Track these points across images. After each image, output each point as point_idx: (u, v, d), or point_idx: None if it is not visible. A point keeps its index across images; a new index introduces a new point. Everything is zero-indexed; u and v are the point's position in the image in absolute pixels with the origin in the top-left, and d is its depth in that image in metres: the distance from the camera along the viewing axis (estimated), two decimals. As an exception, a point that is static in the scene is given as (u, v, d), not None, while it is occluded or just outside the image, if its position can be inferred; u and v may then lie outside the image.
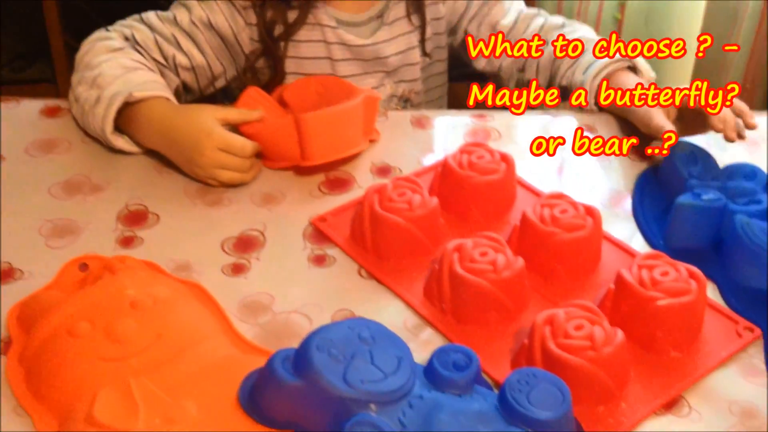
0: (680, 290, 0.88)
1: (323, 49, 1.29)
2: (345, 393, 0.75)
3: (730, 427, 0.81)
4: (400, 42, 1.33)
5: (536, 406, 0.75)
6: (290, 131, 1.10)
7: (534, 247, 0.96)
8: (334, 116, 1.12)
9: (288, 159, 1.13)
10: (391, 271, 0.98)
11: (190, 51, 1.23)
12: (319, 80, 1.23)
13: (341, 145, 1.13)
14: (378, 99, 1.20)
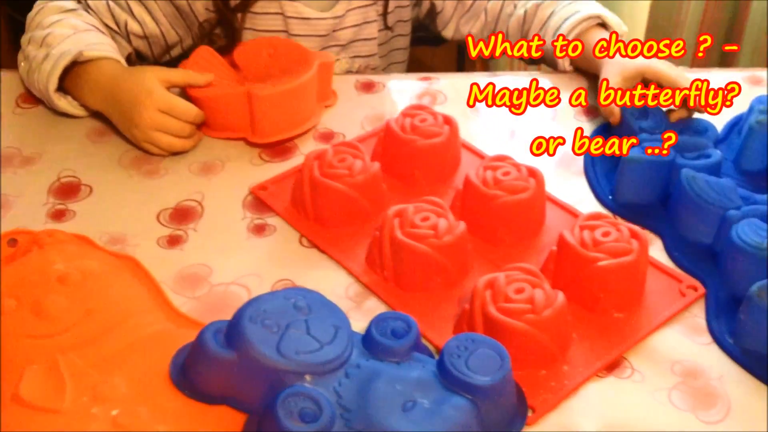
0: (622, 250, 0.87)
1: (281, 23, 1.26)
2: (279, 364, 0.74)
3: (673, 386, 0.81)
4: (356, 15, 1.29)
5: (474, 371, 0.74)
6: (241, 103, 1.09)
7: (477, 210, 0.95)
8: (288, 94, 1.10)
9: (235, 131, 1.11)
10: (332, 238, 0.96)
11: (142, 18, 1.20)
12: (271, 42, 1.20)
13: (295, 122, 1.12)
14: (332, 62, 1.18)
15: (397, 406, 0.72)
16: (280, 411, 0.70)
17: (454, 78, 1.25)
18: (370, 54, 1.34)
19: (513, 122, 1.15)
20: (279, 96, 1.09)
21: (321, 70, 1.14)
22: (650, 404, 0.79)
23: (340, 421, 0.72)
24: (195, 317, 0.85)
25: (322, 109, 1.17)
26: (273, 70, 1.15)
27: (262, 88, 1.09)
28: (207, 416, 0.75)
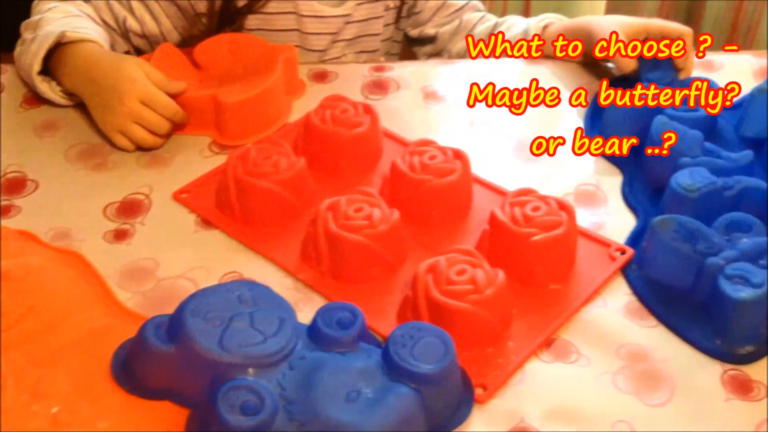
0: (552, 224, 0.88)
1: (294, 21, 1.26)
2: (221, 357, 0.73)
3: (618, 370, 0.81)
4: (365, 10, 1.29)
5: (419, 360, 0.74)
6: (207, 105, 1.08)
7: (407, 196, 0.95)
8: (256, 99, 1.09)
9: (200, 130, 1.09)
10: (264, 238, 0.95)
11: (142, 17, 1.19)
12: (232, 38, 1.18)
13: (264, 122, 1.10)
14: (296, 56, 1.17)
15: (341, 397, 0.72)
16: (220, 405, 0.69)
17: (406, 66, 1.25)
18: (375, 49, 1.34)
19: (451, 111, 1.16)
20: (247, 103, 1.08)
21: (286, 65, 1.13)
22: (595, 388, 0.79)
23: (283, 413, 0.71)
24: (141, 312, 0.84)
25: (291, 104, 1.15)
26: (236, 68, 1.14)
27: (228, 93, 1.08)
28: (150, 411, 0.74)
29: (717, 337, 0.83)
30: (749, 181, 0.94)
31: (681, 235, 0.86)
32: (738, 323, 0.82)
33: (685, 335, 0.84)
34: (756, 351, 0.82)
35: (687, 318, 0.85)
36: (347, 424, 0.69)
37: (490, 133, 1.11)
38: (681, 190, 0.92)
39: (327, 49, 1.29)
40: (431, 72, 1.23)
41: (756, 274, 0.81)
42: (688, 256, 0.86)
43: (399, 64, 1.26)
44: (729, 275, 0.82)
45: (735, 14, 1.85)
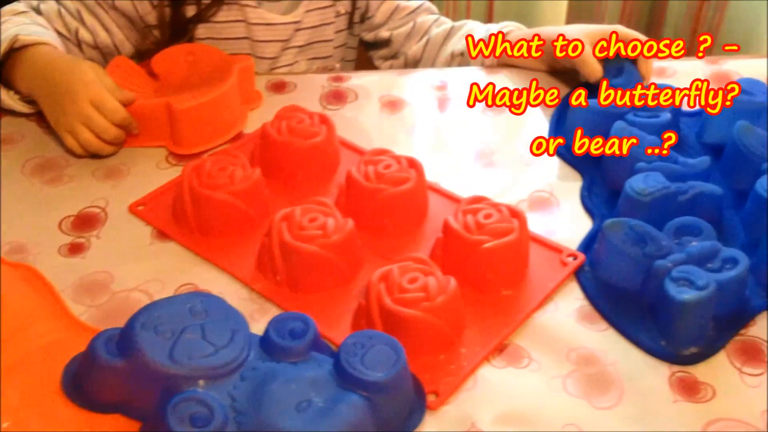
0: (504, 230, 0.88)
1: (243, 30, 1.26)
2: (171, 370, 0.73)
3: (568, 374, 0.82)
4: (315, 17, 1.30)
5: (369, 368, 0.74)
6: (160, 114, 1.08)
7: (362, 205, 0.96)
8: (208, 105, 1.09)
9: (155, 140, 1.10)
10: (220, 249, 0.95)
11: (94, 28, 1.19)
12: (188, 48, 1.19)
13: (219, 131, 1.11)
14: (252, 65, 1.17)
15: (291, 407, 0.72)
16: (170, 417, 0.69)
17: (365, 76, 1.25)
18: (328, 56, 1.35)
19: (407, 118, 1.16)
20: (199, 108, 1.08)
21: (241, 74, 1.14)
22: (545, 392, 0.80)
23: (233, 424, 0.71)
24: (95, 325, 0.84)
25: (247, 113, 1.16)
26: (192, 78, 1.14)
27: (181, 100, 1.08)
28: (101, 425, 0.75)
29: (663, 339, 0.84)
30: (704, 186, 0.95)
31: (630, 238, 0.88)
32: (682, 324, 0.83)
33: (633, 337, 0.85)
34: (700, 352, 0.83)
35: (635, 320, 0.86)
36: (296, 434, 0.70)
37: (448, 142, 1.12)
38: (634, 194, 0.94)
39: (278, 57, 1.30)
40: (390, 81, 1.24)
41: (701, 277, 0.83)
42: (637, 259, 0.87)
43: (357, 73, 1.26)
44: (675, 277, 0.83)
45: (695, 17, 1.87)
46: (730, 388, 0.80)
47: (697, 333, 0.83)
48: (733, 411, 0.77)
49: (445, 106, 1.18)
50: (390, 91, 1.21)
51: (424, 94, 1.21)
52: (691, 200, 0.94)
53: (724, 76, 1.22)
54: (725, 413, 0.77)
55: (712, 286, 0.82)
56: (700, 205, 0.94)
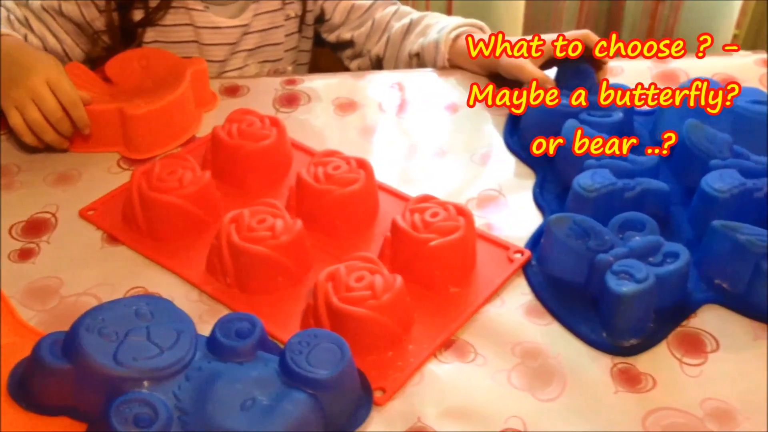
0: (450, 228, 0.89)
1: (191, 33, 1.26)
2: (115, 372, 0.74)
3: (513, 368, 0.83)
4: (264, 20, 1.31)
5: (315, 365, 0.75)
6: (114, 119, 1.08)
7: (312, 206, 0.96)
8: (162, 110, 1.10)
9: (108, 146, 1.10)
10: (171, 252, 0.95)
11: (42, 34, 1.19)
12: (142, 53, 1.19)
13: (173, 134, 1.11)
14: (205, 68, 1.18)
15: (236, 405, 0.73)
16: (113, 418, 0.70)
17: (317, 79, 1.26)
18: (278, 59, 1.35)
19: (364, 120, 1.17)
20: (153, 113, 1.09)
21: (195, 77, 1.14)
22: (490, 386, 0.81)
23: (178, 424, 0.72)
24: (45, 330, 0.84)
25: (201, 115, 1.16)
26: (146, 83, 1.15)
27: (135, 106, 1.08)
28: (46, 428, 0.75)
29: (604, 331, 0.85)
30: (650, 183, 0.97)
31: (575, 233, 0.89)
32: (621, 317, 0.84)
33: (575, 329, 0.86)
34: (640, 344, 0.84)
35: (579, 313, 0.87)
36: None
37: (401, 143, 1.13)
38: (581, 190, 0.95)
39: (227, 60, 1.31)
40: (343, 84, 1.25)
41: (640, 270, 0.84)
42: (581, 253, 0.88)
43: (310, 76, 1.27)
44: (616, 271, 0.85)
45: (651, 17, 1.89)
46: (670, 378, 0.81)
47: (637, 325, 0.85)
48: (673, 400, 0.79)
49: (397, 108, 1.19)
50: (343, 93, 1.22)
51: (377, 96, 1.22)
52: (637, 196, 0.95)
53: (672, 74, 1.23)
54: (665, 402, 0.79)
55: (651, 279, 0.83)
56: (647, 201, 0.96)
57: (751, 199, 0.95)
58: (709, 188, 0.95)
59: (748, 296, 0.88)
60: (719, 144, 1.01)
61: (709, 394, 0.79)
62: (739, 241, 0.87)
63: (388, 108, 1.19)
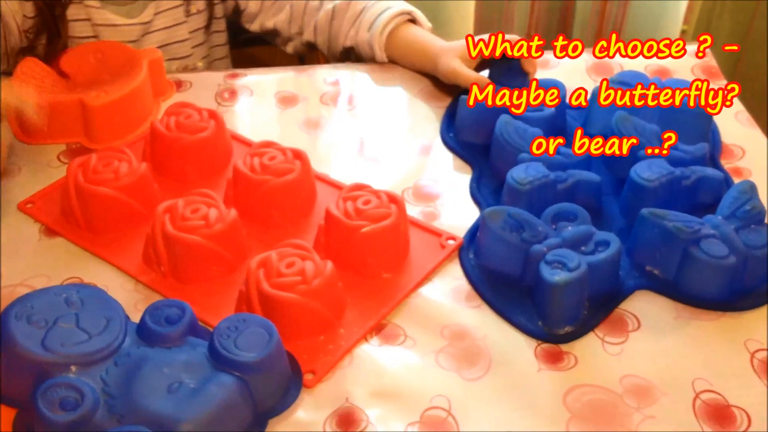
0: (382, 215, 0.91)
1: (89, 29, 1.26)
2: (42, 357, 0.75)
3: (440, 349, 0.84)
4: (165, 18, 1.31)
5: (242, 349, 0.76)
6: (73, 109, 1.09)
7: (248, 196, 0.98)
8: (122, 101, 1.11)
9: (68, 137, 1.11)
10: (108, 243, 0.96)
11: None
12: (96, 46, 1.19)
13: (132, 124, 1.13)
14: (161, 58, 1.19)
15: (162, 388, 0.74)
16: (40, 402, 0.71)
17: (260, 74, 1.27)
18: (186, 55, 1.35)
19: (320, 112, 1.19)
20: (114, 104, 1.10)
21: (151, 67, 1.15)
22: (419, 367, 0.83)
23: (104, 407, 0.73)
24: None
25: (159, 105, 1.18)
26: (102, 75, 1.15)
27: (95, 96, 1.09)
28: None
29: (540, 319, 0.87)
30: (582, 174, 0.99)
31: (509, 225, 0.91)
32: (556, 304, 0.86)
33: (512, 319, 0.87)
34: (575, 331, 0.86)
35: (515, 303, 0.89)
36: (164, 414, 0.72)
37: (340, 135, 1.14)
38: (515, 183, 0.97)
39: None
40: (284, 78, 1.26)
41: (573, 259, 0.86)
42: (516, 245, 0.90)
43: (253, 70, 1.28)
44: (549, 261, 0.86)
45: (600, 16, 1.92)
46: (592, 356, 0.83)
47: (571, 313, 0.86)
48: (593, 377, 0.81)
49: (339, 101, 1.21)
50: (284, 87, 1.23)
51: (319, 89, 1.23)
52: (570, 188, 0.97)
53: (606, 67, 1.25)
54: (586, 380, 0.81)
55: (583, 267, 0.85)
56: (580, 192, 0.98)
57: (679, 187, 0.97)
58: (638, 177, 0.97)
59: (677, 281, 0.90)
60: (648, 135, 1.03)
61: (628, 371, 0.81)
62: (667, 227, 0.89)
63: (330, 101, 1.21)
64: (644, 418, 0.77)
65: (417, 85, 1.24)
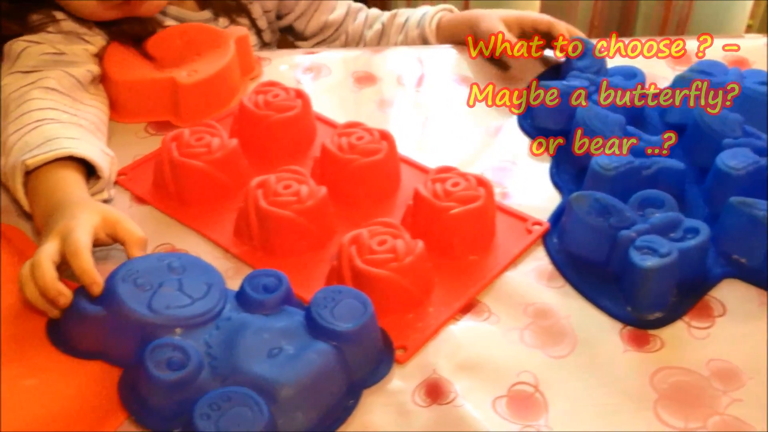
0: (470, 198, 0.93)
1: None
2: (148, 319, 0.78)
3: (525, 326, 0.86)
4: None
5: (339, 319, 0.79)
6: (164, 88, 1.12)
7: (336, 175, 1.00)
8: (213, 79, 1.14)
9: (157, 115, 1.14)
10: (198, 215, 0.99)
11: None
12: (182, 29, 1.21)
13: (220, 102, 1.16)
14: (247, 35, 1.22)
15: (263, 353, 0.77)
16: (148, 361, 0.74)
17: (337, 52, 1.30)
18: None
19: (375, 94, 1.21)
20: (204, 82, 1.13)
21: (238, 45, 1.18)
22: (503, 343, 0.85)
23: (208, 368, 0.76)
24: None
25: (247, 83, 1.21)
26: (189, 56, 1.18)
27: (186, 75, 1.12)
28: (83, 370, 0.78)
29: (628, 305, 0.88)
30: (666, 161, 0.99)
31: (595, 210, 0.92)
32: (646, 290, 0.86)
33: (599, 303, 0.88)
34: (664, 317, 0.87)
35: (601, 288, 0.90)
36: (266, 377, 0.74)
37: (416, 115, 1.16)
38: (599, 169, 0.98)
39: None
40: (361, 57, 1.28)
41: (663, 245, 0.86)
42: (602, 230, 0.91)
43: (329, 49, 1.31)
44: (638, 246, 0.87)
45: (665, 11, 1.92)
46: (678, 340, 0.84)
47: (660, 299, 0.87)
48: (679, 360, 0.82)
49: (413, 81, 1.23)
50: (360, 66, 1.26)
51: (394, 70, 1.25)
52: (654, 175, 0.98)
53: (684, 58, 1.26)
54: (672, 362, 0.82)
55: (674, 254, 0.86)
56: (663, 179, 0.98)
57: (764, 176, 0.97)
58: (724, 166, 0.97)
59: (765, 270, 0.91)
60: (731, 124, 1.04)
61: (714, 355, 0.82)
62: (756, 216, 0.90)
63: (406, 82, 1.23)
64: (731, 401, 0.78)
65: (492, 69, 1.25)
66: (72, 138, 0.97)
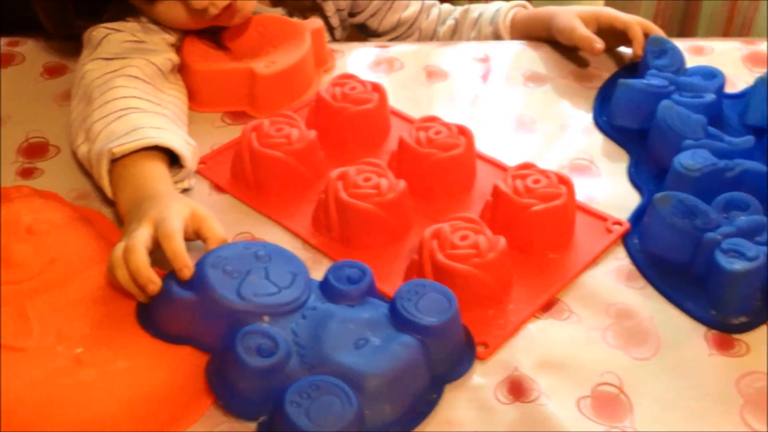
0: (551, 195, 0.92)
1: None
2: (237, 305, 0.78)
3: (607, 327, 0.86)
4: None
5: (423, 313, 0.79)
6: (241, 78, 1.13)
7: (413, 169, 1.00)
8: (290, 71, 1.15)
9: (233, 105, 1.15)
10: (276, 205, 1.00)
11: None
12: (258, 20, 1.22)
13: (296, 93, 1.16)
14: (322, 27, 1.23)
15: (350, 343, 0.77)
16: (238, 347, 0.75)
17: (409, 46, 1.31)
18: None
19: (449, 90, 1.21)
20: (282, 74, 1.14)
21: (314, 37, 1.19)
22: (585, 343, 0.84)
23: (296, 356, 0.76)
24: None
25: (321, 75, 1.22)
26: (265, 47, 1.19)
27: (264, 66, 1.13)
28: (172, 354, 0.79)
29: (712, 308, 0.87)
30: (749, 164, 0.98)
31: (680, 211, 0.91)
32: (732, 294, 0.86)
33: (682, 306, 0.88)
34: (749, 321, 0.86)
35: (684, 290, 0.89)
36: (353, 368, 0.75)
37: (488, 111, 1.16)
38: (683, 169, 0.97)
39: None
40: (432, 51, 1.28)
41: (750, 249, 0.85)
42: (686, 231, 0.90)
43: (401, 44, 1.31)
44: (725, 249, 0.86)
45: (729, 11, 1.90)
46: (763, 344, 0.83)
47: (745, 303, 0.86)
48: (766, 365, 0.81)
49: (485, 77, 1.23)
50: (433, 60, 1.26)
51: (466, 65, 1.25)
52: (737, 177, 0.97)
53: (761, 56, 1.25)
54: (759, 367, 0.81)
55: (762, 257, 0.85)
56: (746, 181, 0.97)
57: None
58: None
59: None
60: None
61: (802, 361, 0.82)
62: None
63: (476, 77, 1.22)
64: (819, 408, 0.78)
65: (567, 66, 1.25)
66: (157, 128, 0.99)
